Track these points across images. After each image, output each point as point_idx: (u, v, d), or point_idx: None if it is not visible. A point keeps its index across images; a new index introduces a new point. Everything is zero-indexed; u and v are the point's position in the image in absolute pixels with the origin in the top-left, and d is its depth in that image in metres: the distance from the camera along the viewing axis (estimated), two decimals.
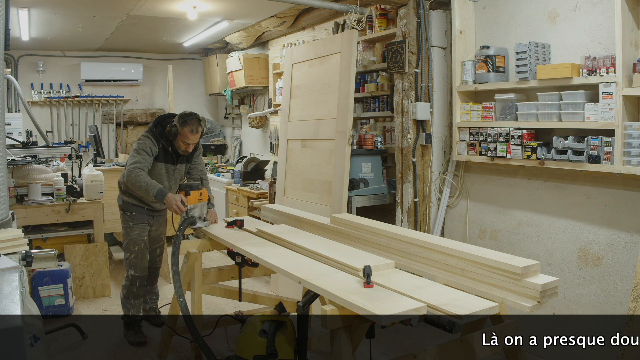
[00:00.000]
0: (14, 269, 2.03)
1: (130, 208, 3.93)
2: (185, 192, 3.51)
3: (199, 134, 3.73)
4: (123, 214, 3.97)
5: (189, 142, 3.73)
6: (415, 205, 4.37)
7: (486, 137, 3.87)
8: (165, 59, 8.64)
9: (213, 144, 8.53)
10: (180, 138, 3.72)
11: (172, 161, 3.85)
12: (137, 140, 3.80)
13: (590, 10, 3.36)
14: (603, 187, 3.36)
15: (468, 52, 4.09)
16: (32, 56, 7.90)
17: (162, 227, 4.19)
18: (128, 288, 3.98)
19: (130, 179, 3.57)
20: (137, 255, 3.93)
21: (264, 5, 5.44)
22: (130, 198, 3.91)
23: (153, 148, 3.72)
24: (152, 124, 3.83)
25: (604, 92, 3.12)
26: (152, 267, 4.16)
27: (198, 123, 3.70)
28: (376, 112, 4.98)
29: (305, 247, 2.93)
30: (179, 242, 3.31)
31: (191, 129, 3.68)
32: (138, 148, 3.70)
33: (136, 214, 3.93)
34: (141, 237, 3.95)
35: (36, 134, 6.23)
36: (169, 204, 3.49)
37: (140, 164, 3.62)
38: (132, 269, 3.95)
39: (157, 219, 4.08)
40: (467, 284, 2.41)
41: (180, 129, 3.69)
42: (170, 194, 3.50)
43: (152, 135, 3.76)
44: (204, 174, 4.06)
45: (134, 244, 3.93)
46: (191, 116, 3.71)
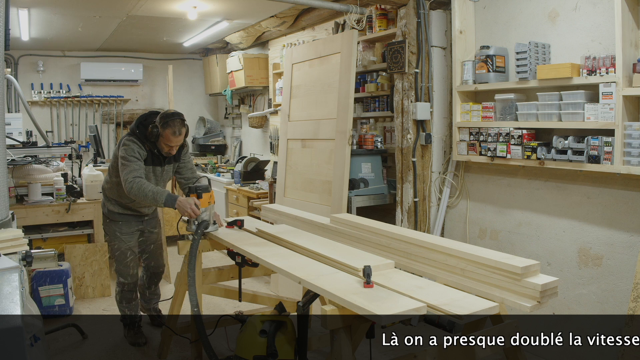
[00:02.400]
0: (14, 269, 2.04)
1: (116, 217, 3.77)
2: (197, 195, 3.36)
3: (182, 136, 3.53)
4: (110, 223, 3.79)
5: (171, 144, 3.53)
6: (415, 205, 4.37)
7: (486, 137, 3.87)
8: (165, 59, 8.64)
9: (213, 144, 8.53)
10: (162, 140, 3.51)
11: (159, 163, 3.66)
12: (121, 145, 3.54)
13: (590, 10, 3.36)
14: (603, 187, 3.36)
15: (468, 52, 4.09)
16: (32, 56, 7.90)
17: (157, 228, 4.05)
18: (120, 294, 3.90)
19: (133, 191, 3.37)
20: (126, 265, 3.81)
21: (264, 5, 5.44)
22: (116, 206, 3.75)
23: (141, 152, 3.52)
24: (134, 124, 3.59)
25: (604, 92, 3.12)
26: (155, 272, 4.08)
27: (181, 124, 3.50)
28: (376, 112, 4.98)
29: (306, 247, 2.93)
30: (196, 248, 3.19)
31: (173, 131, 3.47)
32: (126, 155, 3.47)
33: (123, 223, 3.77)
34: (130, 248, 3.80)
35: (36, 134, 6.23)
36: (181, 209, 3.30)
37: (136, 171, 3.43)
38: (121, 277, 3.84)
39: (148, 222, 3.94)
40: (467, 284, 2.41)
41: (161, 131, 3.48)
42: (182, 198, 3.35)
43: (136, 138, 3.54)
44: (194, 172, 3.91)
45: (123, 256, 3.79)
46: (173, 117, 3.49)
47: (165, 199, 3.33)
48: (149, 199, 3.35)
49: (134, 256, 3.83)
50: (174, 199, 3.33)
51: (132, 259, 3.82)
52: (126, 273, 3.81)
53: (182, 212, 3.33)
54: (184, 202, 3.30)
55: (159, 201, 3.33)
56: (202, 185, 3.48)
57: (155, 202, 3.36)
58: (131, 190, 3.37)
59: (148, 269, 4.07)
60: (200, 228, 3.31)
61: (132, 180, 3.38)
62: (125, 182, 3.41)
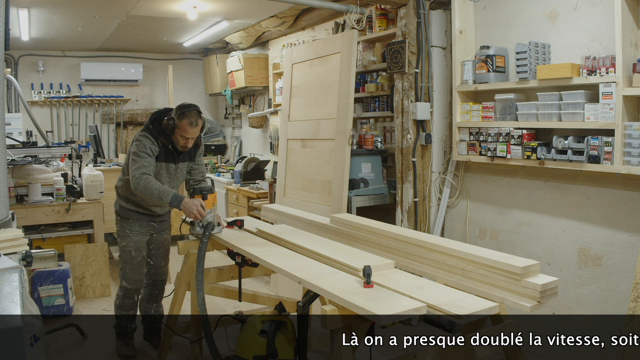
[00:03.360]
0: (14, 269, 2.04)
1: (129, 215, 3.64)
2: (202, 196, 3.30)
3: (198, 127, 3.43)
4: (121, 221, 3.68)
5: (188, 136, 3.43)
6: (415, 205, 4.37)
7: (486, 137, 3.87)
8: (165, 59, 8.64)
9: (213, 144, 8.54)
10: (178, 132, 3.42)
11: (173, 160, 3.55)
12: (134, 141, 3.46)
13: (590, 10, 3.36)
14: (603, 187, 3.36)
15: (468, 52, 4.09)
16: (32, 56, 7.90)
17: (167, 233, 3.84)
18: (121, 299, 3.72)
19: (139, 188, 3.27)
20: (134, 268, 3.65)
21: (264, 5, 5.44)
22: (129, 204, 3.63)
23: (153, 148, 3.41)
24: (149, 121, 3.52)
25: (604, 92, 3.12)
26: (157, 280, 3.85)
27: (198, 115, 3.42)
28: (376, 112, 4.98)
29: (306, 247, 2.93)
30: (204, 251, 3.09)
31: (190, 122, 3.38)
32: (137, 150, 3.37)
33: (135, 221, 3.64)
34: (139, 249, 3.65)
35: (36, 134, 6.22)
36: (187, 210, 3.22)
37: (145, 168, 3.32)
38: (125, 280, 3.67)
39: (160, 225, 3.77)
40: (467, 284, 2.41)
41: (178, 122, 3.39)
42: (188, 199, 3.26)
43: (149, 133, 3.44)
44: (204, 175, 3.81)
45: (130, 257, 3.64)
46: (190, 108, 3.43)
47: (171, 198, 3.24)
48: (155, 197, 3.26)
49: (141, 258, 3.68)
50: (179, 199, 3.25)
51: (139, 262, 3.66)
52: (131, 277, 3.66)
53: (187, 213, 3.25)
54: (190, 204, 3.23)
55: (164, 200, 3.24)
56: (206, 186, 3.41)
57: (161, 201, 3.27)
58: (137, 187, 3.28)
59: (150, 275, 3.82)
60: (207, 230, 3.22)
61: (139, 177, 3.29)
62: (133, 178, 3.31)
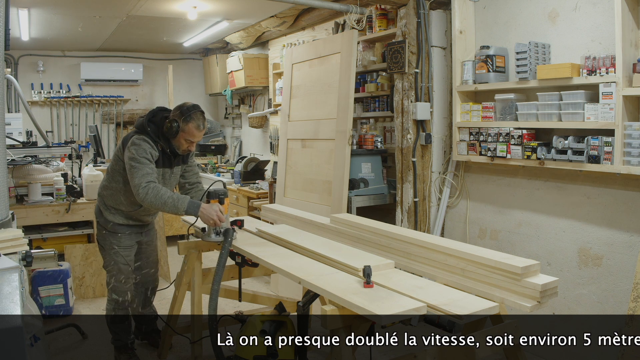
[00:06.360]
0: (14, 269, 2.03)
1: (117, 229, 3.37)
2: (219, 201, 3.08)
3: (204, 130, 3.22)
4: (107, 235, 3.38)
5: (194, 140, 3.21)
6: (415, 205, 4.37)
7: (486, 137, 3.87)
8: (165, 59, 8.64)
9: (213, 144, 8.53)
10: (183, 136, 3.17)
11: (169, 164, 3.31)
12: (130, 145, 3.13)
13: (590, 10, 3.36)
14: (603, 187, 3.36)
15: (468, 52, 4.09)
16: (32, 56, 7.90)
17: (154, 239, 3.67)
18: (113, 311, 3.49)
19: (148, 198, 3.00)
20: (124, 280, 3.44)
21: (264, 5, 5.44)
22: (117, 216, 3.36)
23: (153, 153, 3.14)
24: (145, 121, 3.21)
25: (604, 92, 3.12)
26: (150, 287, 3.70)
27: (203, 117, 3.20)
28: (376, 112, 4.98)
29: (306, 247, 2.93)
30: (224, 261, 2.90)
31: (197, 125, 3.15)
32: (137, 156, 3.07)
33: (123, 236, 3.39)
34: (128, 263, 3.42)
35: (36, 134, 6.23)
36: (206, 217, 3.01)
37: (149, 175, 3.06)
38: (116, 293, 3.45)
39: (147, 233, 3.57)
40: (467, 284, 2.41)
41: (183, 125, 3.13)
42: (205, 205, 3.03)
43: (147, 136, 3.16)
44: (199, 176, 3.63)
45: (119, 271, 3.41)
46: (195, 109, 3.17)
47: (187, 206, 3.00)
48: (168, 206, 3.00)
49: (130, 270, 3.47)
50: (196, 205, 3.01)
51: (129, 275, 3.46)
52: (122, 290, 3.44)
53: (205, 220, 3.04)
54: (208, 210, 3.00)
55: (180, 209, 3.00)
56: (221, 189, 3.19)
57: (176, 210, 3.01)
58: (146, 198, 3.01)
59: (142, 284, 3.67)
60: (229, 237, 3.01)
61: (146, 186, 3.01)
62: (139, 188, 3.02)
